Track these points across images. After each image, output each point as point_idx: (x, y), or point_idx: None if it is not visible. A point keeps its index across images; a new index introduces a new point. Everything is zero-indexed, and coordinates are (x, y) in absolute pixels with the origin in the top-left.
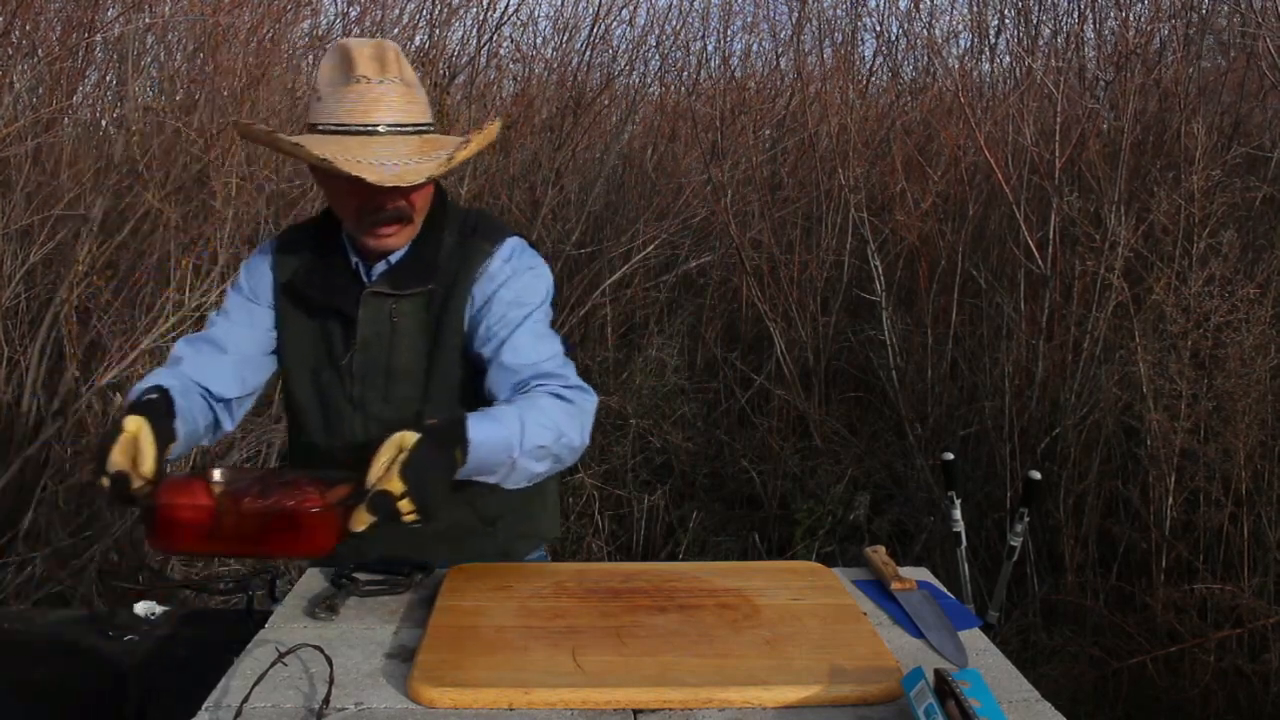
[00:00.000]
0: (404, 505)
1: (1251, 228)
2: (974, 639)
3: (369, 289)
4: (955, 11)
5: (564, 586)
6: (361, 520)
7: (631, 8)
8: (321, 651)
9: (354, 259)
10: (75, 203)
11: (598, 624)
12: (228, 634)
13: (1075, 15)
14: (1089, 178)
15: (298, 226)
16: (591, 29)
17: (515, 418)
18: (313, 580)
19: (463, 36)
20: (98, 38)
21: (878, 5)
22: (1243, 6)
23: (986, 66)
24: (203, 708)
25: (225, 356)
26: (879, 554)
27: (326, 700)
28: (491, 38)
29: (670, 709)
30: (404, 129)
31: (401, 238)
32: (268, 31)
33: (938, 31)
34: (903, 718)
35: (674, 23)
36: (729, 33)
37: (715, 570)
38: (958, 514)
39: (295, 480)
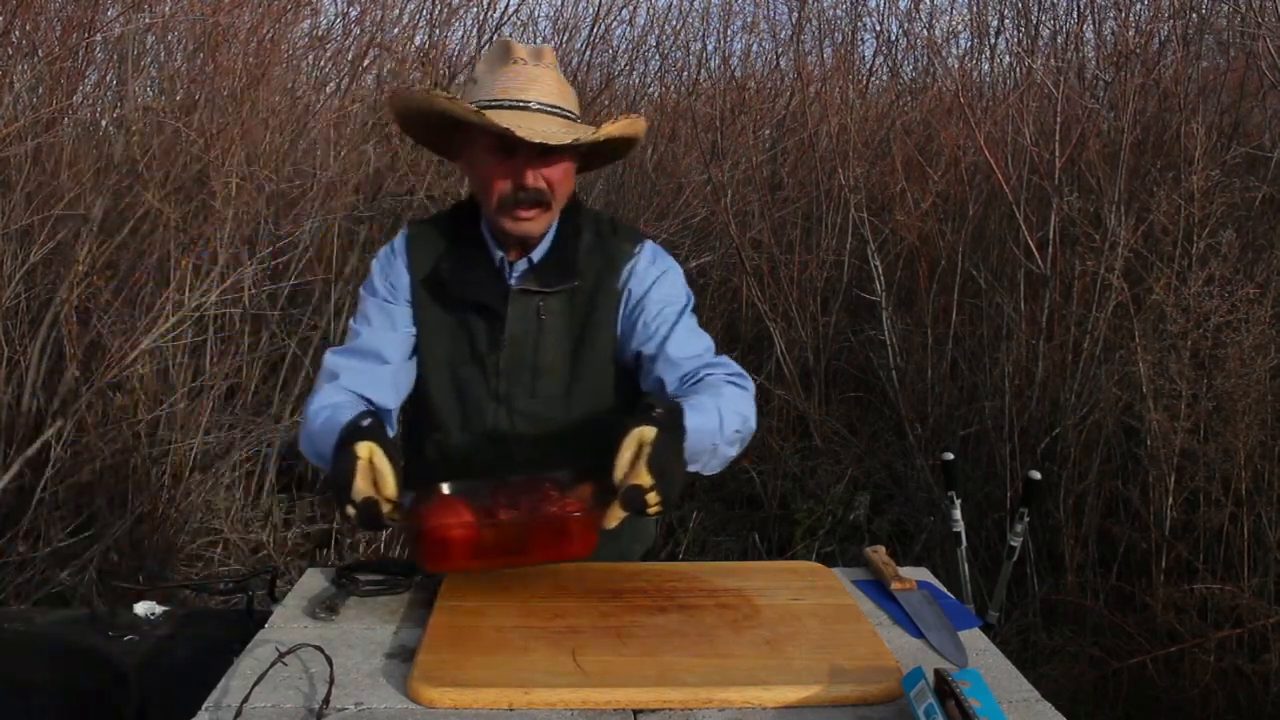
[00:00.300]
0: (651, 498)
1: (1251, 228)
2: (974, 639)
3: (518, 286)
4: (955, 11)
5: (564, 586)
6: (615, 517)
7: (631, 8)
8: (321, 651)
9: (498, 254)
10: (75, 203)
11: (598, 624)
12: (228, 634)
13: (1075, 15)
14: (1089, 178)
15: (427, 222)
16: (591, 29)
17: (713, 405)
18: (313, 580)
19: (463, 36)
20: (98, 38)
21: (878, 5)
22: (1243, 6)
23: (986, 66)
24: (203, 708)
25: (385, 367)
26: (879, 554)
27: (326, 700)
28: (491, 38)
29: (670, 709)
30: (553, 110)
31: (540, 224)
32: (268, 31)
33: (938, 31)
34: (903, 718)
35: (674, 23)
36: (729, 33)
37: (715, 570)
38: (958, 514)
39: (534, 485)
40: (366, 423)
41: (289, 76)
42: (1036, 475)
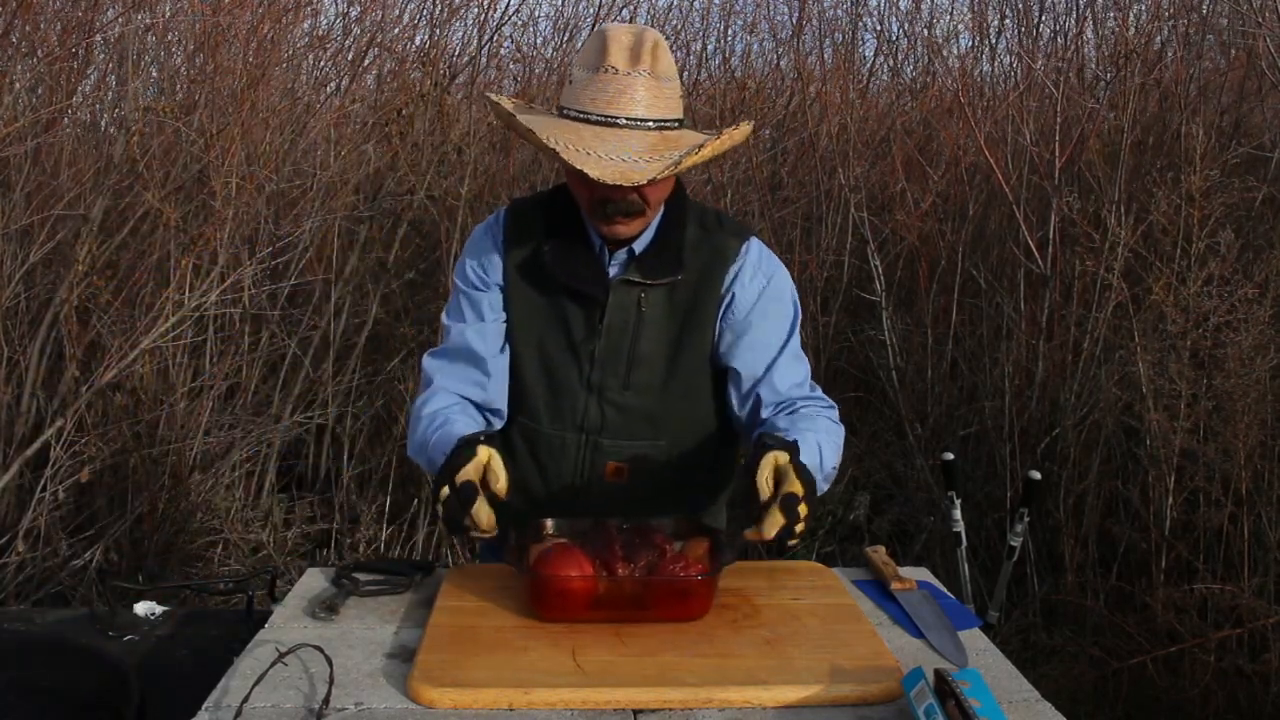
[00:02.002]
0: (803, 509)
1: (1251, 228)
2: (974, 639)
3: (620, 276)
4: (956, 11)
5: None
6: (774, 524)
7: (631, 8)
8: (321, 651)
9: (598, 242)
10: (75, 203)
11: (598, 624)
12: (228, 634)
13: (1076, 15)
14: (1089, 178)
15: (525, 205)
16: (591, 29)
17: (816, 445)
18: (313, 580)
19: (463, 36)
20: (98, 38)
21: (878, 5)
22: (1243, 6)
23: (986, 66)
24: (203, 708)
25: (485, 363)
26: (879, 554)
27: (326, 700)
28: (491, 38)
29: (670, 709)
30: (644, 123)
31: (634, 227)
32: (268, 31)
33: (938, 31)
34: (903, 718)
35: (674, 23)
36: (729, 33)
37: None
38: (958, 514)
39: (647, 537)
40: (493, 431)
41: (289, 76)
42: (1036, 475)
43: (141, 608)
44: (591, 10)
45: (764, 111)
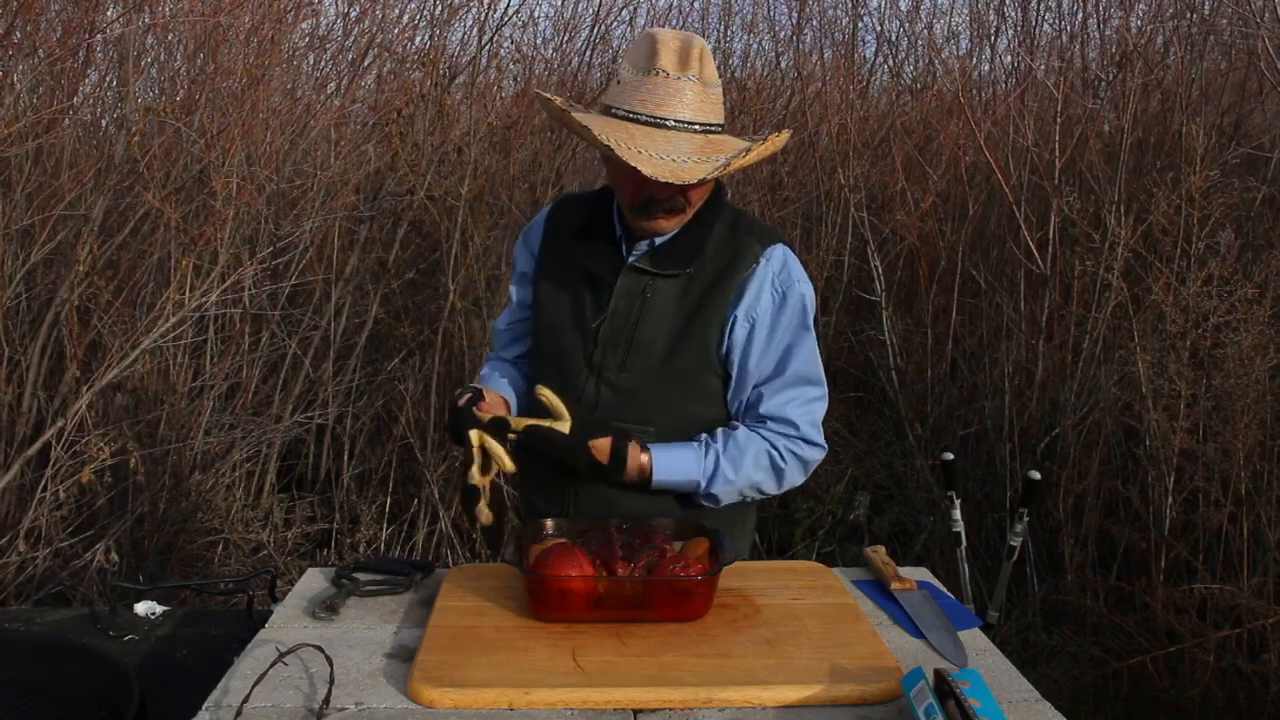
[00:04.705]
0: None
1: (1250, 228)
2: (974, 639)
3: (631, 264)
4: (956, 11)
5: None
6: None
7: (631, 8)
8: (321, 651)
9: (619, 231)
10: (76, 203)
11: (598, 624)
12: (228, 634)
13: (1076, 15)
14: (1089, 178)
15: (569, 198)
16: (591, 29)
17: (712, 461)
18: (313, 580)
19: (463, 36)
20: (98, 38)
21: (878, 5)
22: (1244, 7)
23: (986, 66)
24: (203, 708)
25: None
26: (879, 554)
27: (326, 700)
28: (492, 38)
29: (670, 709)
30: (691, 127)
31: (672, 225)
32: (268, 32)
33: (938, 31)
34: (903, 718)
35: (674, 23)
36: (729, 32)
37: None
38: (958, 514)
39: (646, 537)
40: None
41: (289, 77)
42: (1036, 475)
43: (142, 608)
44: (591, 10)
45: (764, 111)
